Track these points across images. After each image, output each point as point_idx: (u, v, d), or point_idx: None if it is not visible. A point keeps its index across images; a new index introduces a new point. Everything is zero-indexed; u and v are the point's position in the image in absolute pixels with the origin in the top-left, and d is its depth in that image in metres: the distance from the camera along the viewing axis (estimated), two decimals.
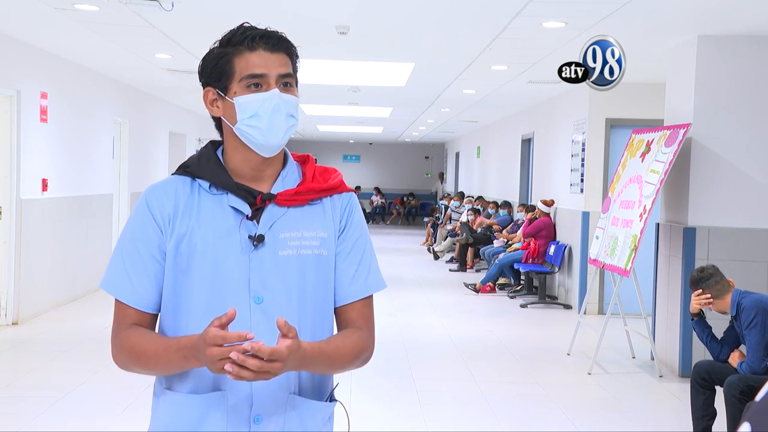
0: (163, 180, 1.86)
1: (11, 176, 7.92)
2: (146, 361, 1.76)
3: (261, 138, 1.79)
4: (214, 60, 1.83)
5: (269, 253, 1.78)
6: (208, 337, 1.59)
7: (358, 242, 1.88)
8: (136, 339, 1.77)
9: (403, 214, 27.61)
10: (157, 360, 1.74)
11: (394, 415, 5.56)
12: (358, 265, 1.87)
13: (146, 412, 1.96)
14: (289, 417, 1.79)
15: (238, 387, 1.76)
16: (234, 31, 1.82)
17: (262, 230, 1.79)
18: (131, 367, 1.80)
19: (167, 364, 1.73)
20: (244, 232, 1.78)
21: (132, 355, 1.77)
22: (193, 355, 1.66)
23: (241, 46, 1.79)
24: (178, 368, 1.74)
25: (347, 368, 1.84)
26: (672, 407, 5.99)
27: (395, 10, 6.39)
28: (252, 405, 1.76)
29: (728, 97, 6.71)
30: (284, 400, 1.78)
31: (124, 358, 1.80)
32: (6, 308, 7.96)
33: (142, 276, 1.79)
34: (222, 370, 1.60)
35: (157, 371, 1.79)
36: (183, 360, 1.69)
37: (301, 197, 1.83)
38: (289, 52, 1.83)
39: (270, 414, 1.77)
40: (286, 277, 1.78)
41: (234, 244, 1.78)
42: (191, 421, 1.77)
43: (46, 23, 7.11)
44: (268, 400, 1.77)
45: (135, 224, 1.81)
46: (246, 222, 1.79)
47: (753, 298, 4.79)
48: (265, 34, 1.80)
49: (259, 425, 1.76)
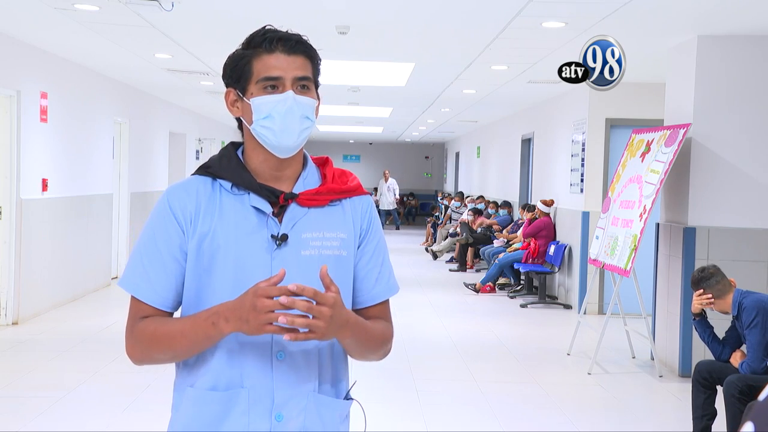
0: (184, 180, 1.88)
1: (11, 176, 7.92)
2: (169, 340, 1.75)
3: (274, 139, 1.80)
4: (235, 61, 1.85)
5: (292, 253, 1.80)
6: (260, 288, 1.63)
7: (379, 245, 1.92)
8: (156, 324, 1.78)
9: (403, 214, 27.61)
10: (182, 337, 1.74)
11: (394, 415, 5.56)
12: (380, 267, 1.91)
13: (146, 412, 1.97)
14: (309, 415, 1.80)
15: (259, 384, 1.76)
16: (255, 33, 1.84)
17: (285, 230, 1.80)
18: (152, 354, 1.79)
19: (194, 337, 1.73)
20: (267, 232, 1.80)
21: (153, 340, 1.77)
22: (224, 318, 1.67)
23: (260, 49, 1.81)
24: (205, 339, 1.73)
25: (377, 352, 1.88)
26: (672, 407, 5.99)
27: (395, 10, 6.39)
28: (273, 402, 1.77)
29: (728, 97, 6.71)
30: (305, 398, 1.79)
31: (143, 348, 1.79)
32: (6, 308, 7.96)
33: (161, 274, 1.80)
34: (264, 327, 1.63)
35: (181, 350, 1.77)
36: (211, 327, 1.69)
37: (322, 197, 1.85)
38: (309, 54, 1.85)
39: (291, 411, 1.78)
40: (308, 276, 1.78)
41: (257, 243, 1.79)
42: (212, 419, 1.77)
43: (46, 23, 7.11)
44: (289, 397, 1.78)
45: (156, 223, 1.83)
46: (271, 221, 1.81)
47: (754, 298, 4.79)
48: (284, 36, 1.82)
49: (280, 423, 1.77)
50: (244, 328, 1.65)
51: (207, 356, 1.79)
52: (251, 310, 1.63)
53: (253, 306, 1.62)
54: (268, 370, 1.77)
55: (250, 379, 1.76)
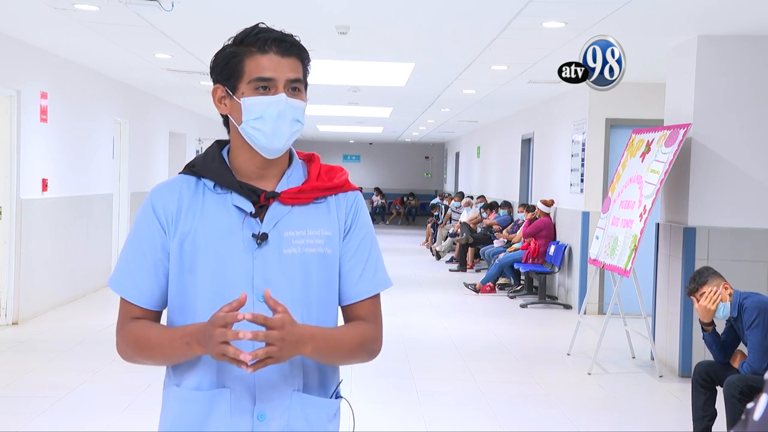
0: (169, 179, 1.90)
1: (11, 176, 7.92)
2: (150, 350, 1.80)
3: (264, 141, 1.80)
4: (226, 58, 1.83)
5: (273, 252, 1.79)
6: (214, 318, 1.65)
7: (365, 241, 1.90)
8: (140, 330, 1.81)
9: (403, 214, 27.61)
10: (161, 349, 1.78)
11: (394, 415, 5.56)
12: (365, 263, 1.89)
13: (146, 412, 1.99)
14: (293, 414, 1.79)
15: (241, 383, 1.77)
16: (248, 30, 1.82)
17: (265, 228, 1.80)
18: (135, 357, 1.84)
19: (171, 352, 1.77)
20: (248, 231, 1.80)
21: (137, 345, 1.81)
22: (196, 341, 1.69)
23: (253, 48, 1.80)
24: (182, 356, 1.77)
25: (355, 357, 1.86)
26: (672, 407, 5.99)
27: (395, 10, 6.39)
28: (255, 402, 1.77)
29: (728, 97, 6.71)
30: (288, 397, 1.79)
31: (128, 349, 1.83)
32: (6, 308, 7.96)
33: (145, 275, 1.83)
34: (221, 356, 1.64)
35: (161, 360, 1.82)
36: (186, 347, 1.73)
37: (305, 195, 1.84)
38: (301, 57, 1.84)
39: (274, 411, 1.78)
40: (290, 275, 1.79)
41: (237, 242, 1.79)
42: (196, 418, 1.79)
43: (46, 23, 7.11)
44: (271, 397, 1.77)
45: (140, 225, 1.86)
46: (249, 220, 1.80)
47: (755, 299, 4.78)
48: (278, 37, 1.81)
49: (262, 422, 1.77)
50: (209, 353, 1.68)
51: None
52: (210, 339, 1.65)
53: (211, 335, 1.65)
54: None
55: (231, 379, 1.77)
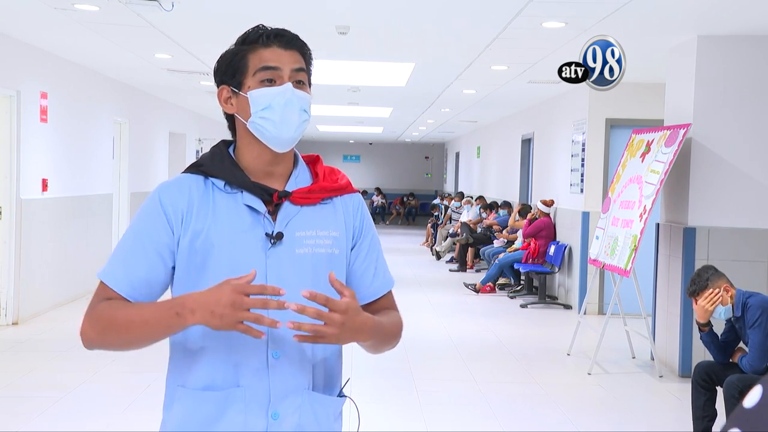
0: (176, 177, 1.87)
1: (11, 176, 7.92)
2: (128, 326, 1.71)
3: (274, 130, 1.80)
4: (229, 58, 1.85)
5: (286, 251, 1.80)
6: (239, 284, 1.61)
7: (373, 242, 1.95)
8: (117, 306, 1.74)
9: (403, 214, 27.61)
10: (143, 323, 1.70)
11: (394, 414, 5.56)
12: (376, 262, 1.94)
13: (146, 412, 1.97)
14: (304, 413, 1.79)
15: (256, 381, 1.76)
16: (249, 31, 1.85)
17: (279, 228, 1.80)
18: (107, 337, 1.75)
19: (154, 326, 1.69)
20: (261, 230, 1.80)
21: (111, 322, 1.72)
22: (189, 309, 1.63)
23: (255, 44, 1.83)
24: (166, 329, 1.70)
25: (393, 342, 1.91)
26: (672, 407, 5.99)
27: (395, 10, 6.39)
28: (270, 401, 1.76)
29: (728, 97, 6.71)
30: (300, 396, 1.79)
31: (100, 329, 1.74)
32: (6, 308, 7.96)
33: (140, 267, 1.77)
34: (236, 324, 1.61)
35: (138, 337, 1.73)
36: (174, 318, 1.65)
37: (314, 195, 1.86)
38: (303, 51, 1.86)
39: (287, 410, 1.77)
40: (302, 275, 1.79)
41: (251, 241, 1.79)
42: (207, 419, 1.76)
43: (46, 23, 7.11)
44: (284, 395, 1.77)
45: (144, 218, 1.81)
46: (265, 219, 1.81)
47: (760, 298, 4.78)
48: (279, 32, 1.84)
49: (276, 421, 1.76)
50: (212, 323, 1.62)
51: (199, 356, 1.77)
52: (227, 306, 1.60)
53: (231, 302, 1.60)
54: (263, 369, 1.76)
55: (245, 378, 1.76)
